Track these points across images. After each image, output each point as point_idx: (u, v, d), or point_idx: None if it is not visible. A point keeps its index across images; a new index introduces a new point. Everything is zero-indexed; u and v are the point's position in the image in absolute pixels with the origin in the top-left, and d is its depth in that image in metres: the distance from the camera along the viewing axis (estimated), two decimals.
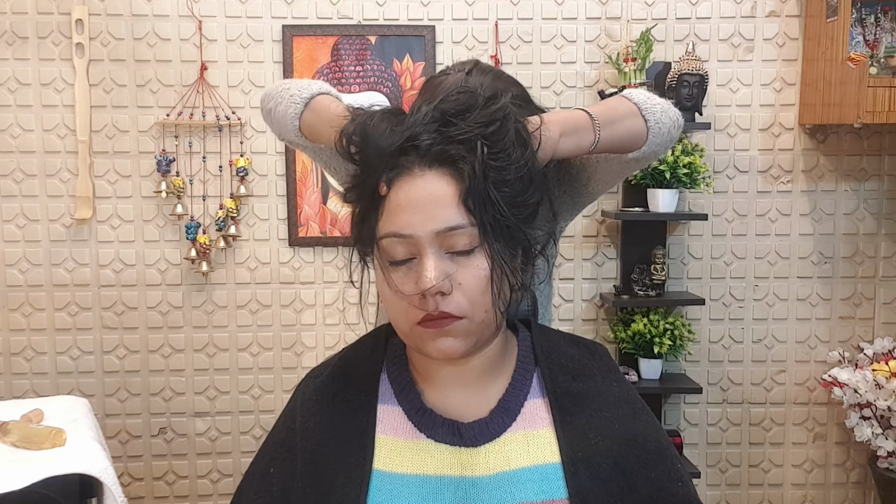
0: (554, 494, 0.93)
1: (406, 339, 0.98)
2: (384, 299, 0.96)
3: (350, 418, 1.00)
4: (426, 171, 0.92)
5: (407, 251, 0.92)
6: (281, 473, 1.01)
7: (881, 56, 2.57)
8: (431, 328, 0.92)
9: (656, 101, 1.29)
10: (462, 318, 0.92)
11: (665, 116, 1.29)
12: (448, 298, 0.91)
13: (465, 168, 0.90)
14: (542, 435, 0.98)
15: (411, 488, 0.94)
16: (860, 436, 2.54)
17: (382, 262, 0.95)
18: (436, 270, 0.90)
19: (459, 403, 1.00)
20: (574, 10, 2.66)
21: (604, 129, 1.17)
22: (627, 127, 1.23)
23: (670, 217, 2.62)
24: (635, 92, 1.30)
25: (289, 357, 2.72)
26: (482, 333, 0.96)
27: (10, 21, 2.56)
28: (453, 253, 0.92)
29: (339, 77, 2.63)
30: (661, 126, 1.28)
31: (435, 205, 0.91)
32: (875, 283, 2.77)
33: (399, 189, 0.92)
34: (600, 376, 1.04)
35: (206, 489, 2.74)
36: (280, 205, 2.66)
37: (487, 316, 0.94)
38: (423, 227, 0.90)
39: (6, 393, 2.64)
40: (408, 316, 0.93)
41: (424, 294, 0.90)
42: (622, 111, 1.24)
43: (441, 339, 0.93)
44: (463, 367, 1.00)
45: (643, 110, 1.25)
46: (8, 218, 2.61)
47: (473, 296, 0.92)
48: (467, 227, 0.90)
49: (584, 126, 1.15)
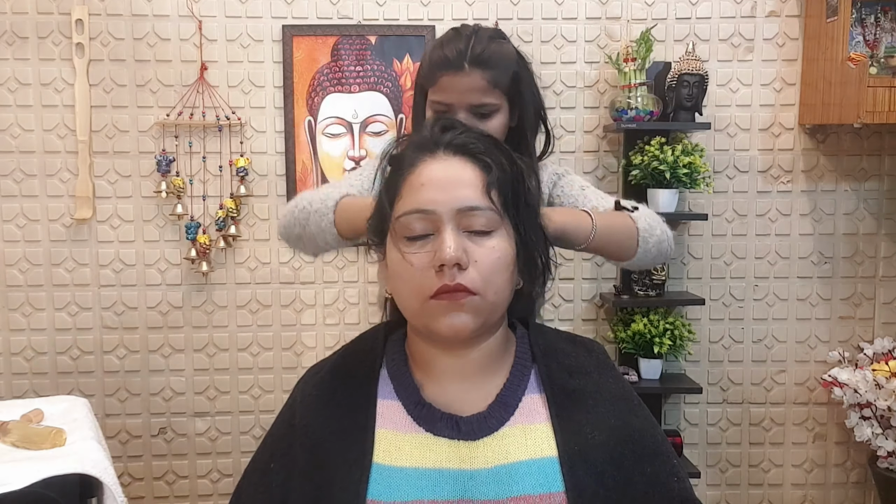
0: (551, 487, 0.94)
1: (415, 318, 0.99)
2: (396, 277, 0.99)
3: (350, 413, 1.01)
4: (450, 157, 1.00)
5: (425, 227, 0.96)
6: (281, 469, 1.02)
7: (881, 56, 2.57)
8: (446, 300, 0.94)
9: (655, 232, 1.43)
10: (475, 295, 0.95)
11: (656, 249, 1.44)
12: (464, 273, 0.95)
13: (489, 160, 0.99)
14: (540, 429, 0.99)
15: (411, 481, 0.95)
16: (860, 436, 2.55)
17: (397, 239, 0.98)
18: (455, 243, 0.94)
19: (458, 397, 1.01)
20: (574, 10, 2.66)
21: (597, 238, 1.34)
22: (619, 243, 1.40)
23: (670, 217, 2.61)
24: (645, 214, 1.44)
25: (289, 357, 2.72)
26: (490, 315, 0.98)
27: (10, 21, 2.56)
28: (470, 232, 0.96)
29: (339, 77, 2.63)
30: (648, 254, 1.43)
31: (458, 185, 0.97)
32: (875, 283, 2.77)
33: (423, 169, 0.99)
34: (597, 373, 1.06)
35: (206, 489, 2.74)
36: (280, 205, 2.66)
37: (497, 297, 0.98)
38: (445, 204, 0.96)
39: (6, 393, 2.64)
40: (422, 289, 0.96)
41: (442, 266, 0.94)
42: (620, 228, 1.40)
43: (453, 314, 0.95)
44: (463, 359, 1.02)
45: (640, 238, 1.41)
46: (8, 218, 2.61)
47: (487, 274, 0.96)
48: (487, 210, 0.97)
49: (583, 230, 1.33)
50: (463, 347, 1.01)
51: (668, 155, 2.46)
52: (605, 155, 2.70)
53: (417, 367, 1.04)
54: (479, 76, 1.46)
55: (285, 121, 2.63)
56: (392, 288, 1.01)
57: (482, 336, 1.01)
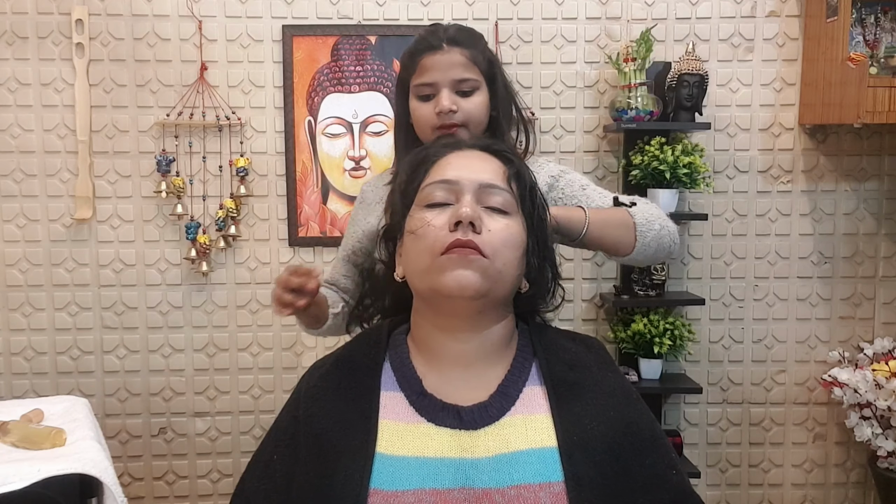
0: (550, 477, 0.96)
1: (424, 279, 1.03)
2: (412, 240, 1.05)
3: (354, 404, 1.03)
4: (475, 150, 1.11)
5: (446, 196, 1.04)
6: (284, 460, 1.04)
7: (881, 56, 2.57)
8: (456, 254, 0.99)
9: (654, 227, 1.44)
10: (485, 257, 1.00)
11: (656, 243, 1.44)
12: (477, 235, 1.01)
13: (511, 156, 1.10)
14: (540, 420, 1.01)
15: (412, 470, 0.96)
16: (860, 436, 2.55)
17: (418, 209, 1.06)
18: (473, 206, 1.02)
19: (460, 387, 1.03)
20: (574, 10, 2.66)
21: (591, 233, 1.36)
22: (616, 238, 1.41)
23: (670, 217, 2.61)
24: (643, 209, 1.46)
25: (289, 357, 2.72)
26: (495, 285, 1.02)
27: (10, 21, 2.56)
28: (487, 208, 1.04)
29: (339, 77, 2.63)
30: (647, 248, 1.43)
31: (482, 167, 1.07)
32: (875, 283, 2.77)
33: (450, 157, 1.10)
34: (596, 367, 1.09)
35: (206, 489, 2.74)
36: (280, 205, 2.66)
37: (504, 269, 1.02)
38: (468, 177, 1.05)
39: (6, 393, 2.64)
40: (434, 245, 1.01)
41: (458, 224, 1.00)
42: (616, 223, 1.42)
43: (460, 270, 0.99)
44: (466, 344, 1.04)
45: (637, 233, 1.42)
46: (8, 218, 2.61)
47: (498, 244, 1.02)
48: (505, 191, 1.06)
49: (576, 224, 1.35)
50: (468, 330, 1.03)
51: (668, 155, 2.46)
52: (605, 155, 2.70)
53: (420, 358, 1.07)
54: (458, 52, 1.53)
55: (285, 121, 2.63)
56: (407, 253, 1.06)
57: (485, 320, 1.04)
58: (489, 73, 1.56)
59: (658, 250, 1.46)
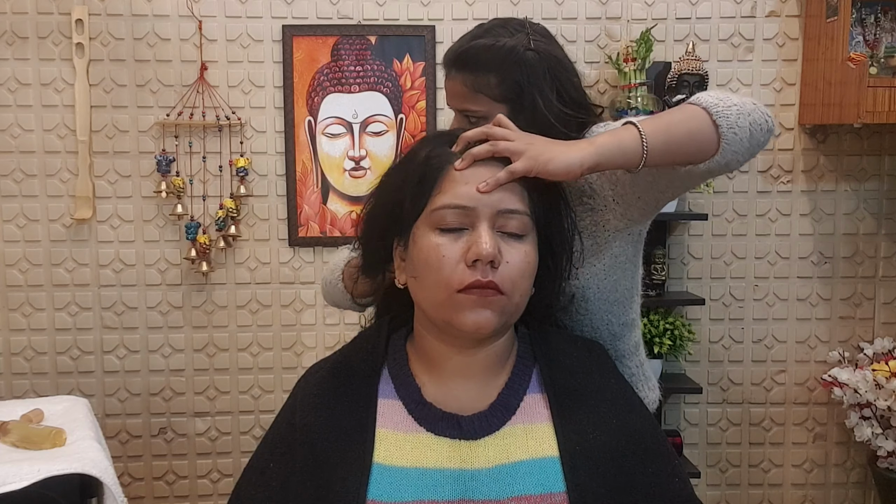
0: (552, 487, 0.94)
1: (438, 309, 0.99)
2: (425, 266, 0.98)
3: (350, 412, 1.01)
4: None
5: (461, 221, 0.98)
6: (280, 468, 1.02)
7: (881, 56, 2.57)
8: (475, 295, 0.95)
9: (732, 101, 1.10)
10: (503, 295, 0.96)
11: (743, 119, 1.09)
12: (495, 272, 0.96)
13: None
14: (541, 429, 0.99)
15: (411, 481, 0.95)
16: (860, 436, 2.54)
17: (428, 230, 0.99)
18: (492, 241, 0.96)
19: (460, 396, 1.01)
20: (574, 10, 2.66)
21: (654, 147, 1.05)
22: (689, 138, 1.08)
23: (670, 217, 2.62)
24: (706, 95, 1.12)
25: (289, 357, 2.72)
26: (510, 318, 1.00)
27: (10, 21, 2.55)
28: (502, 233, 0.98)
29: (339, 77, 2.63)
30: (737, 132, 1.08)
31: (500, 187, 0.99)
32: (875, 283, 2.77)
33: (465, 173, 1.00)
34: (598, 373, 1.06)
35: (206, 489, 2.74)
36: (280, 205, 2.66)
37: (521, 300, 1.00)
38: (486, 204, 0.98)
39: (6, 393, 2.64)
40: (451, 281, 0.96)
41: (476, 262, 0.95)
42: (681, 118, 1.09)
43: (479, 311, 0.96)
44: (471, 357, 1.02)
45: (714, 114, 1.08)
46: (8, 218, 2.61)
47: (516, 276, 0.98)
48: (524, 214, 0.99)
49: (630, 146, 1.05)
50: (474, 346, 1.01)
51: None
52: None
53: (420, 366, 1.04)
54: (460, 80, 1.31)
55: (285, 121, 2.62)
56: (418, 277, 1.00)
57: (493, 337, 1.02)
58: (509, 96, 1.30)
59: (755, 134, 1.11)
